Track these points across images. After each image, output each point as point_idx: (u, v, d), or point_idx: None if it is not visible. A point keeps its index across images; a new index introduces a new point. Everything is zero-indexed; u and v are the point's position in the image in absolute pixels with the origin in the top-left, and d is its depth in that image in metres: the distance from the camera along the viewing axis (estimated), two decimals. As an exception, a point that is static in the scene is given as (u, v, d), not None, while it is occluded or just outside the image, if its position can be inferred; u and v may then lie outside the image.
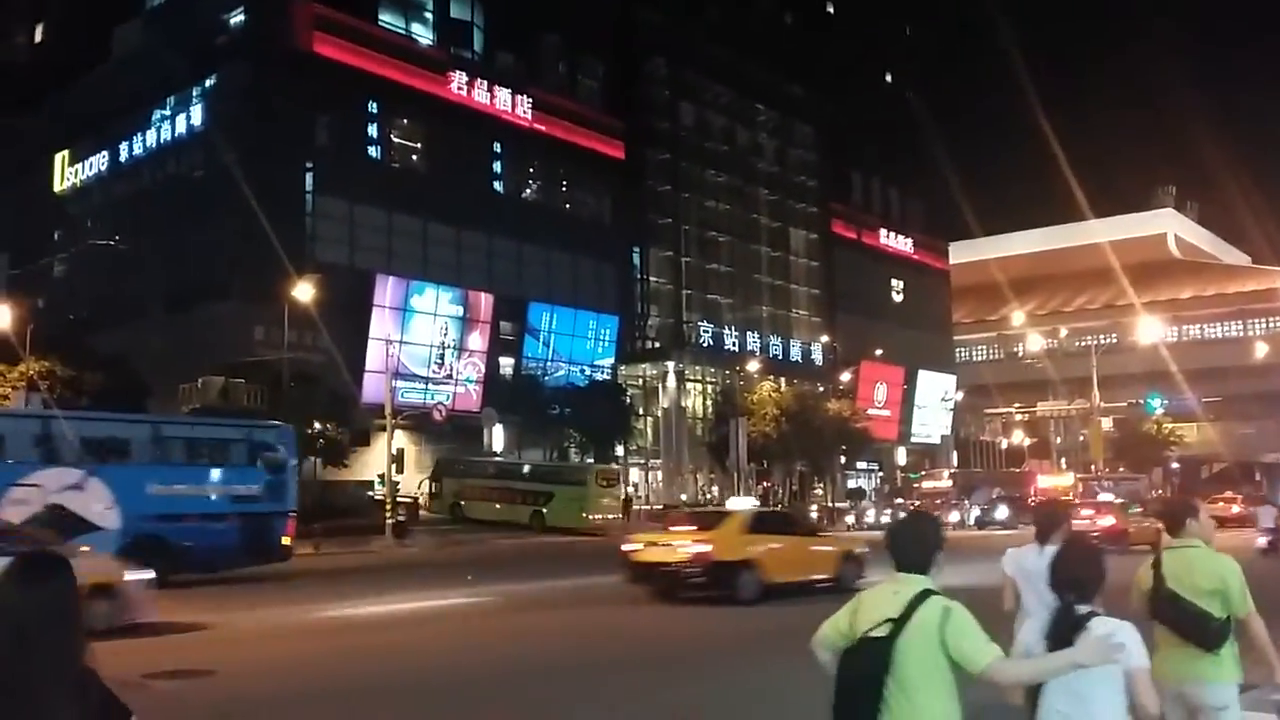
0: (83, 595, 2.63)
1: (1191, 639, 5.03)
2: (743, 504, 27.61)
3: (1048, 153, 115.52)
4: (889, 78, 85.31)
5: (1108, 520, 30.62)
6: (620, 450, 59.29)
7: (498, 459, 50.31)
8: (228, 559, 23.10)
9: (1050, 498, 21.62)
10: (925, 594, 3.71)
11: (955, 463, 79.45)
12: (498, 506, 45.85)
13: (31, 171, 59.94)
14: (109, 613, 13.03)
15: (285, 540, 24.42)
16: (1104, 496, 40.48)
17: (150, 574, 14.73)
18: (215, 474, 24.13)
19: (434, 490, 48.36)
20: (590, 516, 44.54)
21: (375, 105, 52.69)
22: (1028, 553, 6.16)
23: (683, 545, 18.40)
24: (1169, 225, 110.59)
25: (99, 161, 57.65)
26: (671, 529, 20.47)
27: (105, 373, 38.32)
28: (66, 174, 59.88)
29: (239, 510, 23.50)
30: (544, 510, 45.09)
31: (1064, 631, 3.86)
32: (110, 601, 13.35)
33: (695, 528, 19.43)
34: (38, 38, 66.63)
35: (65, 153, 59.69)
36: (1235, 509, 45.84)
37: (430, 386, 52.49)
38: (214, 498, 23.64)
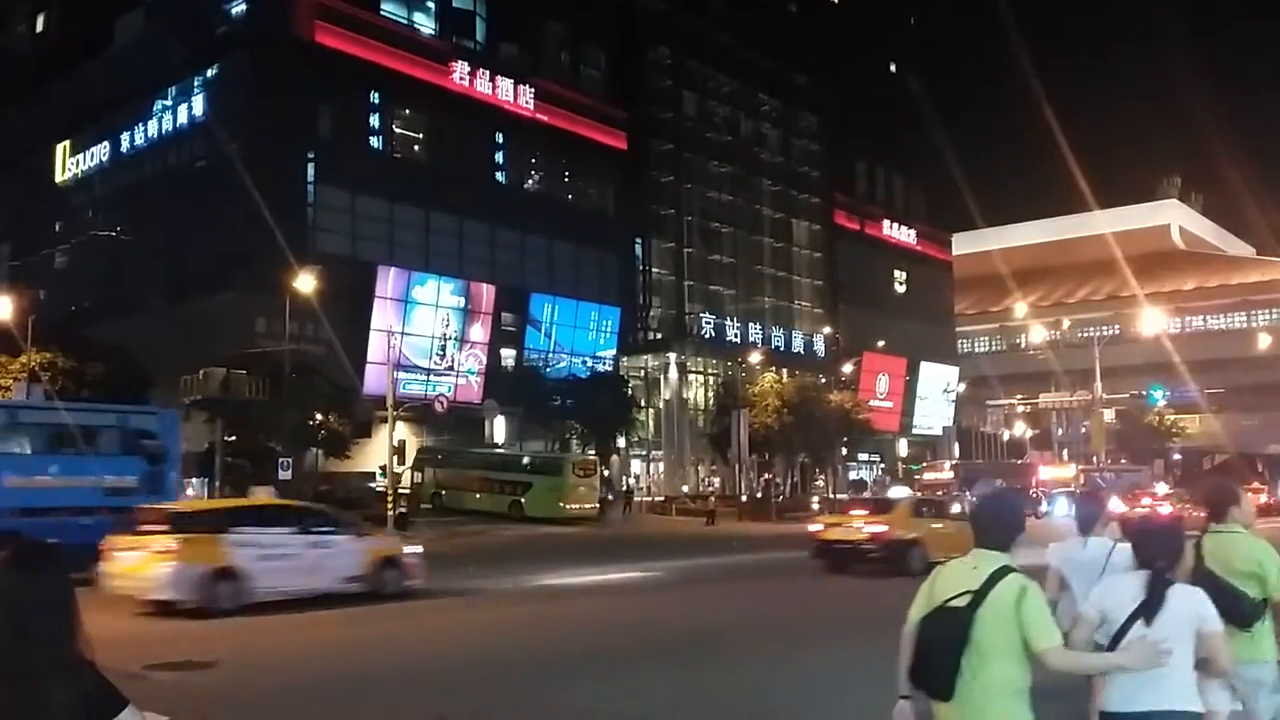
0: (375, 566, 2.61)
1: (1226, 616, 5.10)
2: (903, 492, 29.28)
3: (1051, 144, 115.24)
4: (893, 68, 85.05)
5: (1166, 508, 34.46)
6: (622, 442, 59.30)
7: (476, 449, 50.36)
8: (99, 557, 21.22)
9: (1091, 492, 22.36)
10: (1004, 570, 4.00)
11: (957, 454, 79.39)
12: (478, 496, 46.20)
13: (33, 162, 59.91)
14: (396, 578, 17.65)
15: None
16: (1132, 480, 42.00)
17: (419, 548, 18.88)
18: (84, 464, 22.17)
19: (416, 480, 48.55)
20: (567, 506, 44.82)
21: (377, 95, 52.56)
22: (1072, 545, 6.42)
23: (861, 525, 21.90)
24: (1173, 216, 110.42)
25: (100, 152, 57.57)
26: (850, 512, 23.91)
27: (106, 364, 38.27)
28: (68, 164, 59.82)
29: (111, 504, 20.49)
30: (522, 500, 45.33)
31: (1155, 594, 4.26)
32: (396, 570, 17.78)
33: (869, 511, 22.95)
34: (39, 28, 66.50)
35: (66, 143, 59.61)
36: (1263, 498, 47.29)
37: (432, 378, 52.45)
38: (82, 490, 21.52)
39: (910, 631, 4.19)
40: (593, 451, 56.10)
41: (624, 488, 57.27)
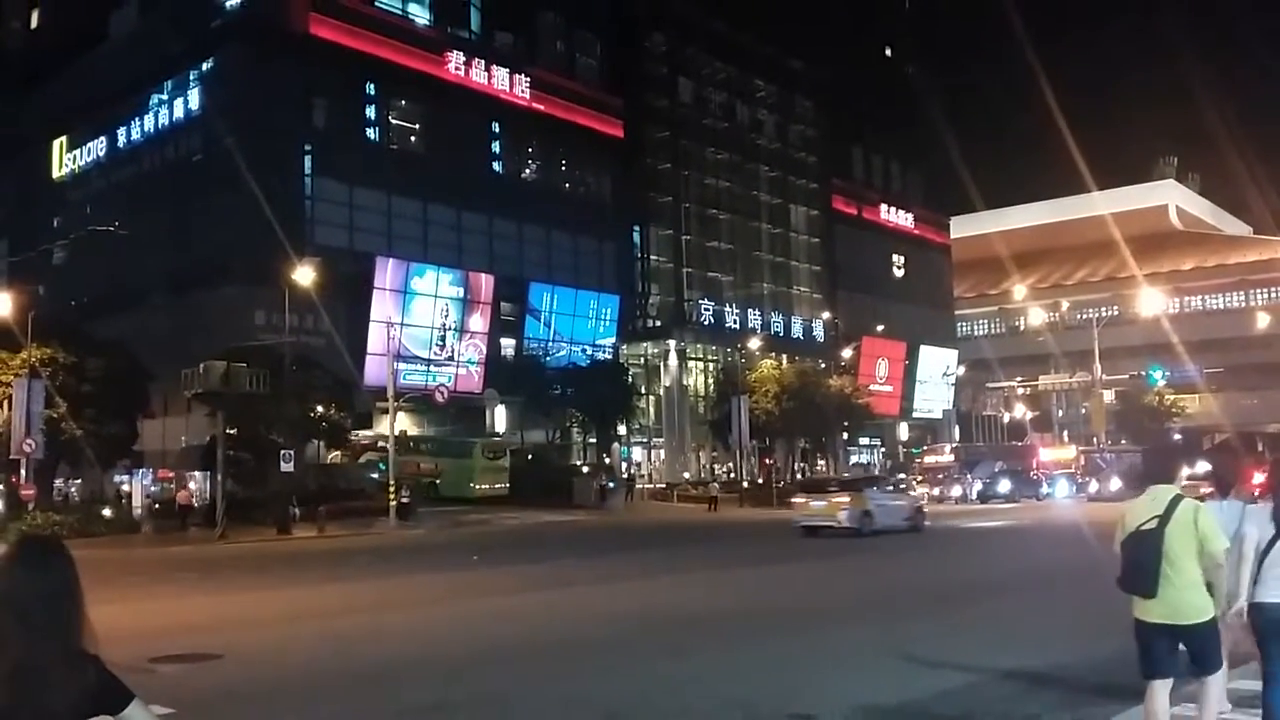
0: (916, 513, 2.83)
1: None
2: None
3: (1048, 125, 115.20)
4: (889, 52, 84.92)
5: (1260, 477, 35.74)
6: (623, 429, 59.41)
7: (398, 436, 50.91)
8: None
9: (1225, 456, 21.40)
10: (1178, 498, 5.72)
11: (957, 437, 79.48)
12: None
13: (30, 157, 59.90)
14: (919, 519, 30.65)
15: None
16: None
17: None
18: None
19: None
20: (477, 487, 45.78)
21: (373, 87, 52.51)
22: (1211, 507, 6.85)
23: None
24: (1170, 197, 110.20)
25: (97, 147, 57.55)
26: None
27: (107, 358, 38.35)
28: (65, 159, 59.81)
29: None
30: (437, 482, 46.11)
31: None
32: (922, 515, 31.30)
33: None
34: (34, 23, 66.40)
35: (63, 138, 59.59)
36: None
37: (432, 368, 52.53)
38: None
39: (1117, 552, 5.82)
40: (594, 439, 56.33)
41: (625, 475, 57.40)
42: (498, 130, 58.04)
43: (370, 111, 53.02)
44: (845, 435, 69.73)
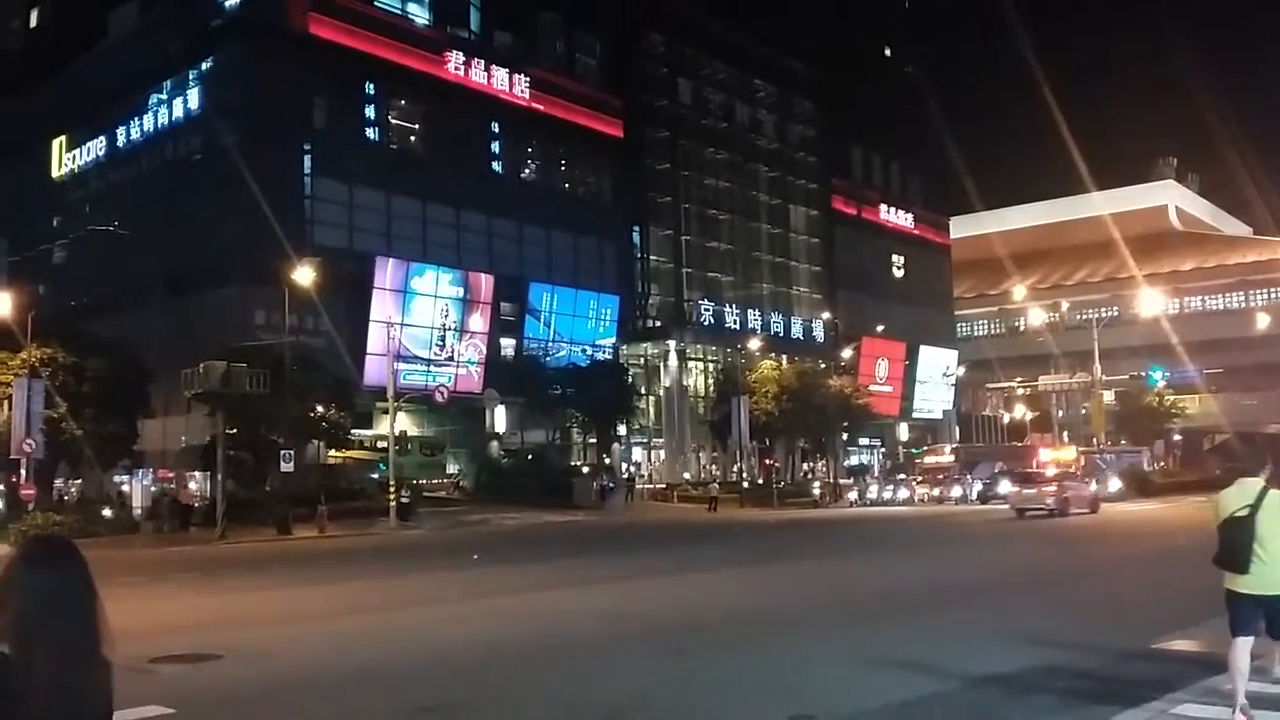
0: (1093, 501, 2.97)
1: None
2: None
3: (1048, 126, 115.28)
4: (888, 51, 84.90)
5: None
6: (623, 429, 59.38)
7: None
8: None
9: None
10: (1266, 488, 6.86)
11: (957, 437, 79.48)
12: None
13: (29, 157, 59.83)
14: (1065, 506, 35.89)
15: None
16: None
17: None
18: None
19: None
20: (415, 483, 45.72)
21: (372, 86, 52.49)
22: None
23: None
24: (1170, 197, 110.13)
25: (96, 146, 57.50)
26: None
27: (107, 358, 38.31)
28: (64, 159, 59.75)
29: None
30: (374, 477, 46.14)
31: None
32: (1065, 502, 35.91)
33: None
34: (33, 22, 66.37)
35: (62, 138, 59.54)
36: None
37: (432, 368, 52.49)
38: None
39: (1217, 532, 6.93)
40: (594, 439, 56.30)
41: (625, 476, 57.39)
42: (497, 130, 58.03)
43: (370, 111, 52.99)
44: (845, 436, 69.67)
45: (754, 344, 62.67)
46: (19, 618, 2.48)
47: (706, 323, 66.29)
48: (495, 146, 58.33)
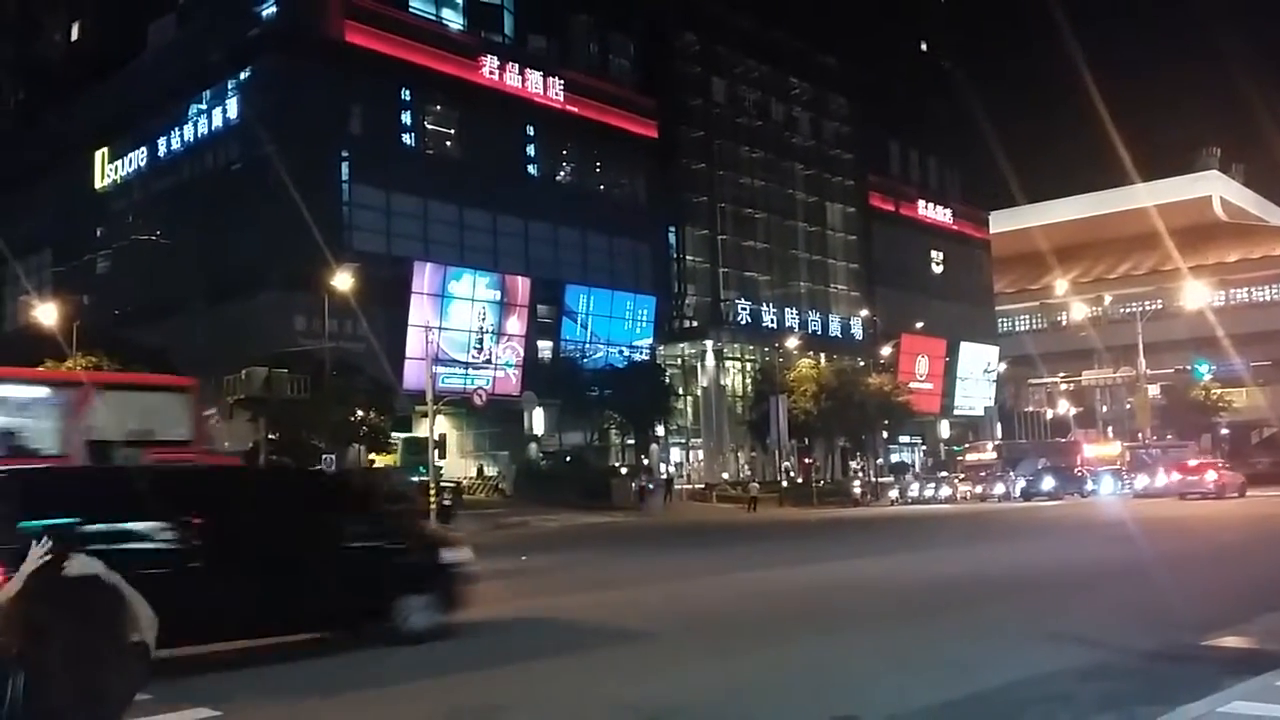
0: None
1: None
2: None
3: (1089, 117, 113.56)
4: (924, 45, 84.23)
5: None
6: (661, 430, 59.34)
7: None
8: None
9: None
10: None
11: (1000, 434, 78.75)
12: None
13: (72, 168, 60.74)
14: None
15: None
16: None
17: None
18: None
19: None
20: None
21: (408, 92, 52.85)
22: None
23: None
24: (1214, 188, 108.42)
25: (138, 157, 58.26)
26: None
27: (150, 367, 38.79)
28: (107, 170, 60.57)
29: None
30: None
31: None
32: (1221, 486, 41.28)
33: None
34: (74, 36, 67.39)
35: (104, 149, 60.37)
36: None
37: (470, 371, 52.72)
38: None
39: None
40: (632, 440, 56.34)
41: (664, 476, 57.36)
42: (532, 133, 58.22)
43: (406, 117, 53.35)
44: (885, 434, 69.24)
45: (792, 343, 62.43)
46: (27, 618, 2.49)
47: (744, 322, 66.11)
48: (530, 150, 58.52)
